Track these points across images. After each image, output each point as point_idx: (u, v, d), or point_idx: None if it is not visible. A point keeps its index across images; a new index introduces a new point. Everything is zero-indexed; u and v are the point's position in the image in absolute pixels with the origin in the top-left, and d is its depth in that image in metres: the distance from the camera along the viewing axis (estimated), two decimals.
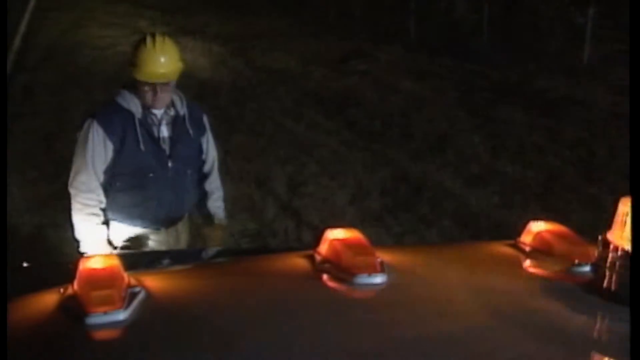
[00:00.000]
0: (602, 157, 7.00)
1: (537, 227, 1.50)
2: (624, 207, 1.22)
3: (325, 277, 1.35)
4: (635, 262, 1.15)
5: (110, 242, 2.87)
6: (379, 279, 1.29)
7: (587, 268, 1.36)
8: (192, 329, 1.14)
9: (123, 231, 2.92)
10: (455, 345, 1.10)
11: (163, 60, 2.79)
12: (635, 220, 1.17)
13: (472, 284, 1.35)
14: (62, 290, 1.26)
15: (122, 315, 1.14)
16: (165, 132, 2.90)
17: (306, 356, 1.07)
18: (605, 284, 1.26)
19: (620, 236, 1.23)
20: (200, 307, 1.24)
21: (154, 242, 2.96)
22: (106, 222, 2.87)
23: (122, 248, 2.89)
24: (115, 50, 12.76)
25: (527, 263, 1.47)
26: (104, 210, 2.86)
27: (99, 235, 2.84)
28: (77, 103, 8.89)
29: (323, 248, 1.41)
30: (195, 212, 3.23)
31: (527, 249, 1.49)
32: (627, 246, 1.21)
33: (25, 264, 1.90)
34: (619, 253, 1.23)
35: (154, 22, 16.05)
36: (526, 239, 1.51)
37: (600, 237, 1.28)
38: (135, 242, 2.92)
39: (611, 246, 1.24)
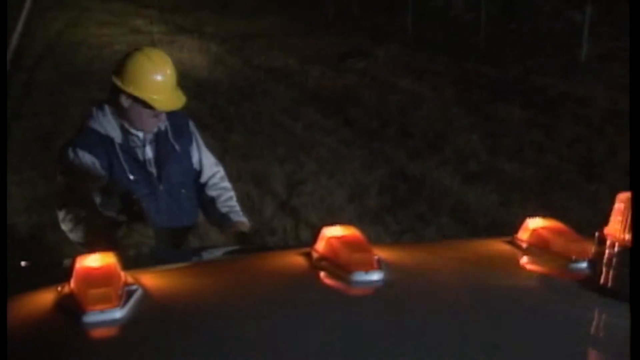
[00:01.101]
0: (600, 154, 7.01)
1: (534, 223, 1.50)
2: (621, 203, 1.22)
3: (322, 274, 1.35)
4: (635, 260, 1.15)
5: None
6: (376, 276, 1.29)
7: (584, 264, 1.35)
8: (189, 327, 1.13)
9: None
10: (453, 343, 1.10)
11: (174, 84, 2.54)
12: (635, 217, 1.17)
13: (469, 281, 1.35)
14: (59, 288, 1.26)
15: (118, 314, 1.14)
16: (149, 152, 2.61)
17: (303, 353, 1.07)
18: (602, 280, 1.25)
19: (617, 232, 1.23)
20: (198, 305, 1.24)
21: None
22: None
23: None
24: (113, 49, 12.74)
25: (524, 260, 1.47)
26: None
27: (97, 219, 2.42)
28: (75, 102, 8.89)
29: (320, 245, 1.40)
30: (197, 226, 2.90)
31: (524, 245, 1.49)
32: (624, 242, 1.21)
33: (23, 263, 1.90)
34: (616, 249, 1.23)
35: (151, 20, 16.04)
36: (523, 235, 1.50)
37: (597, 234, 1.28)
38: None
39: (608, 242, 1.24)
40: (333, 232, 1.41)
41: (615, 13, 10.62)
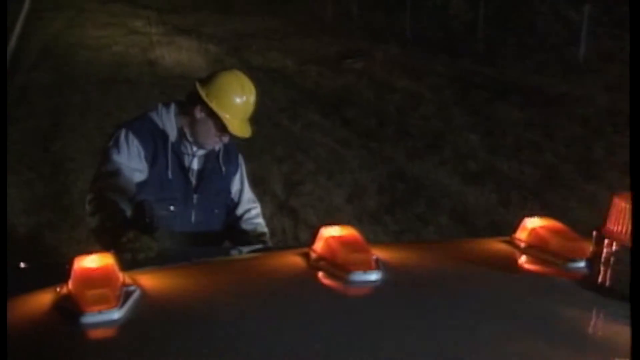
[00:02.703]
0: (598, 154, 7.02)
1: (532, 223, 1.50)
2: (618, 202, 1.22)
3: (320, 274, 1.35)
4: (635, 260, 1.14)
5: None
6: (374, 276, 1.29)
7: (582, 263, 1.35)
8: (187, 328, 1.13)
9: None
10: (451, 342, 1.10)
11: (249, 114, 2.59)
12: (635, 217, 1.17)
13: (467, 281, 1.35)
14: (57, 289, 1.26)
15: (116, 314, 1.13)
16: (195, 164, 2.64)
17: (301, 353, 1.07)
18: (600, 279, 1.26)
19: (615, 231, 1.23)
20: (196, 306, 1.24)
21: None
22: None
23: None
24: (111, 51, 12.75)
25: (522, 259, 1.47)
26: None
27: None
28: (73, 104, 8.89)
29: (318, 245, 1.40)
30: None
31: (523, 245, 1.49)
32: (622, 241, 1.21)
33: (22, 265, 1.90)
34: (614, 248, 1.23)
35: (150, 22, 16.03)
36: (521, 235, 1.50)
37: (594, 233, 1.28)
38: None
39: (605, 241, 1.24)
40: (331, 232, 1.41)
41: (614, 13, 10.63)
